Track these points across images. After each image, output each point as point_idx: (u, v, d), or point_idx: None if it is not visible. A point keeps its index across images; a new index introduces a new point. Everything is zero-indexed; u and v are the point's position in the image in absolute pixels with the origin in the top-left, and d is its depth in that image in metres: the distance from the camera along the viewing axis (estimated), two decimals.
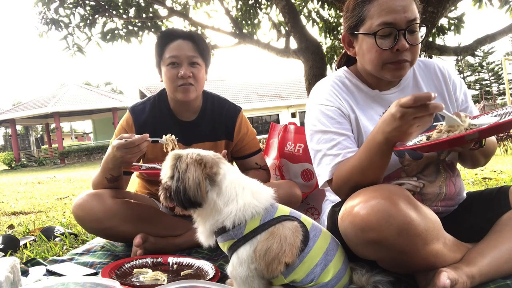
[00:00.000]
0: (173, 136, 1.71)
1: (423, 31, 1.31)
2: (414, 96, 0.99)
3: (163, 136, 1.70)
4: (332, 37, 5.59)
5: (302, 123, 1.50)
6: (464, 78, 40.18)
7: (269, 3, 5.44)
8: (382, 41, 1.27)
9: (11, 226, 2.86)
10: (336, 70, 1.55)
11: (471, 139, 1.01)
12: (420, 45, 1.30)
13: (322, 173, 1.33)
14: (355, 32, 1.34)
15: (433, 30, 4.49)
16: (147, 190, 2.06)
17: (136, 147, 1.55)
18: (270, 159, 2.27)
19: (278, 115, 25.79)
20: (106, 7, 4.92)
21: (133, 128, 1.88)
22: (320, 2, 5.20)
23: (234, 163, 2.13)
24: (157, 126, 1.84)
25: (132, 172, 1.92)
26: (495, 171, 4.86)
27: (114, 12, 5.00)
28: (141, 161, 1.99)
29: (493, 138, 1.38)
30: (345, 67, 1.49)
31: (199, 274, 1.47)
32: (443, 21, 4.87)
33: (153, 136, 1.64)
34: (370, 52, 1.30)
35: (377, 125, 1.14)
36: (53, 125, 28.33)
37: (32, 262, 1.64)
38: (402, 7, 1.24)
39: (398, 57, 1.26)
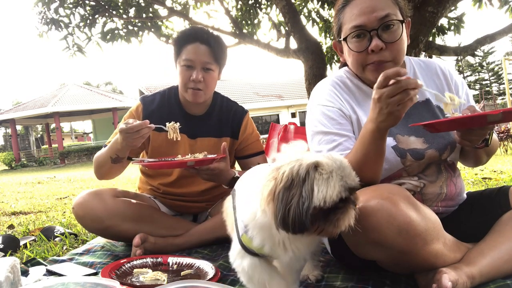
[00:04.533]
0: (177, 124, 1.72)
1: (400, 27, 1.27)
2: (384, 74, 1.04)
3: (167, 124, 1.72)
4: (332, 37, 5.58)
5: (302, 123, 1.52)
6: (464, 78, 40.11)
7: (269, 3, 5.43)
8: (357, 44, 1.30)
9: (11, 226, 2.86)
10: (339, 69, 1.55)
11: (493, 120, 1.01)
12: (401, 41, 1.28)
13: None
14: (339, 39, 1.39)
15: (433, 30, 4.49)
16: (149, 186, 2.07)
17: (136, 132, 1.57)
18: (270, 159, 2.27)
19: (278, 115, 25.80)
20: (106, 7, 4.91)
21: (141, 115, 1.92)
22: (320, 2, 5.19)
23: (237, 162, 2.14)
24: (164, 116, 1.86)
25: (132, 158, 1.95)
26: (495, 171, 4.86)
27: (114, 12, 4.99)
28: (144, 152, 2.02)
29: (495, 137, 1.38)
30: (346, 67, 1.49)
31: (199, 274, 1.47)
32: (443, 21, 4.87)
33: (159, 129, 1.67)
34: (349, 56, 1.34)
35: (368, 115, 1.16)
36: (53, 125, 28.32)
37: (32, 262, 1.64)
38: (371, 7, 1.26)
39: (375, 58, 1.27)
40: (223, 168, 1.69)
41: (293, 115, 25.63)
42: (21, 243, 2.15)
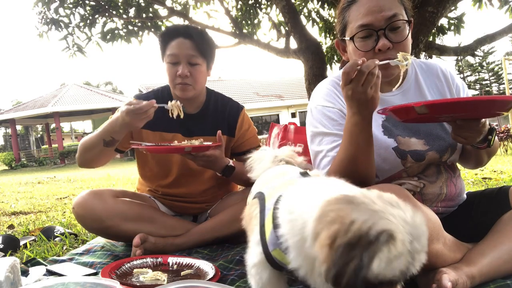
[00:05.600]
0: (178, 102, 1.75)
1: (406, 28, 1.29)
2: (344, 71, 1.07)
3: (169, 102, 1.74)
4: (332, 37, 5.59)
5: (302, 123, 1.52)
6: (464, 78, 40.13)
7: (269, 3, 5.43)
8: (363, 43, 1.29)
9: (11, 226, 2.86)
10: (340, 69, 1.55)
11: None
12: (407, 41, 1.28)
13: (321, 175, 1.33)
14: (343, 38, 1.37)
15: (433, 30, 4.49)
16: (148, 187, 2.07)
17: (144, 112, 1.60)
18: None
19: (278, 115, 25.79)
20: (106, 7, 4.91)
21: None
22: (320, 2, 5.19)
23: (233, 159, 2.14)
24: (158, 115, 1.80)
25: (122, 151, 1.95)
26: (495, 171, 4.86)
27: (114, 12, 4.99)
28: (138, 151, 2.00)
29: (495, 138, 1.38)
30: None
31: (199, 274, 1.47)
32: (443, 21, 4.87)
33: (153, 126, 1.73)
34: (355, 55, 1.33)
35: (347, 114, 1.18)
36: (53, 125, 28.30)
37: (32, 262, 1.64)
38: (379, 7, 1.25)
39: (382, 57, 1.26)
40: (218, 156, 1.74)
41: (293, 115, 25.62)
42: (21, 243, 2.15)
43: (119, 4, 5.01)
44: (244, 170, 1.38)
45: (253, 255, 0.98)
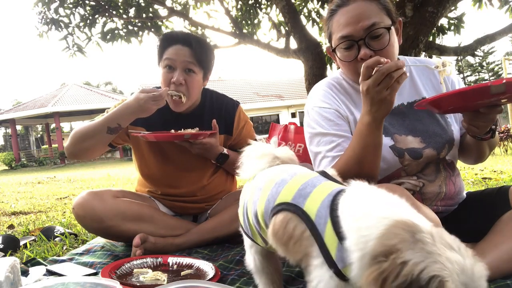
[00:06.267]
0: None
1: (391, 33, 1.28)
2: (364, 65, 1.08)
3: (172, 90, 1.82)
4: None
5: (302, 123, 1.53)
6: (464, 78, 40.11)
7: (269, 3, 5.43)
8: (346, 54, 1.32)
9: (11, 226, 2.86)
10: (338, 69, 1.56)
11: (495, 92, 0.96)
12: (390, 47, 1.28)
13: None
14: (332, 48, 1.40)
15: (433, 30, 4.49)
16: (147, 188, 2.07)
17: (162, 99, 1.70)
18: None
19: (278, 115, 25.79)
20: (106, 7, 4.91)
21: None
22: (320, 2, 5.19)
23: None
24: (154, 115, 1.80)
25: (115, 147, 1.96)
26: (495, 171, 4.86)
27: (114, 12, 4.99)
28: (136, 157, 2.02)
29: None
30: None
31: (199, 274, 1.47)
32: (443, 21, 4.87)
33: (149, 126, 1.87)
34: (341, 65, 1.37)
35: (361, 111, 1.19)
36: (53, 125, 28.31)
37: (32, 262, 1.64)
38: (356, 17, 1.26)
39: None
40: (213, 143, 1.82)
41: (293, 115, 25.62)
42: (21, 243, 2.15)
43: (119, 4, 5.01)
44: (238, 158, 1.37)
45: (322, 282, 0.84)
